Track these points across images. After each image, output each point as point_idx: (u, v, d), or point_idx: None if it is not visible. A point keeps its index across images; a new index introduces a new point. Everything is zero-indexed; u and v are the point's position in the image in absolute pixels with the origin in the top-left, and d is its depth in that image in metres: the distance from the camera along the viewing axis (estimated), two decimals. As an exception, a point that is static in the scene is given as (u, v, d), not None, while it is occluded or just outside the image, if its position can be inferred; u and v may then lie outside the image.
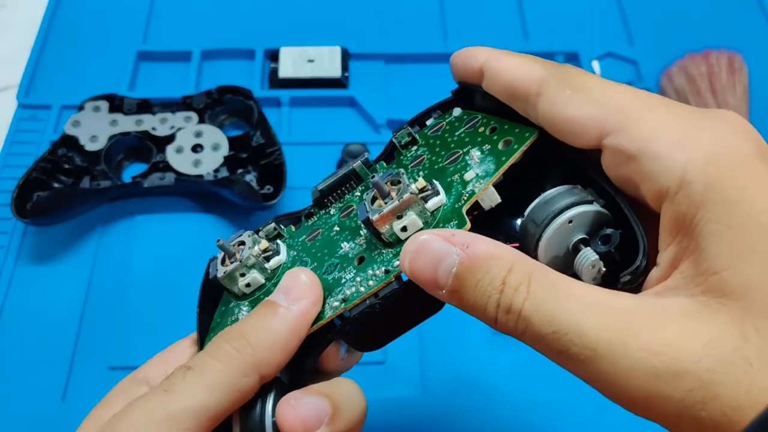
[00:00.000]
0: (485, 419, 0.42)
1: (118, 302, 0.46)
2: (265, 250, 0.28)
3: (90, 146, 0.49)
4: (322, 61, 0.56)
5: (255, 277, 0.28)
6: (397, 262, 0.24)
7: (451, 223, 0.24)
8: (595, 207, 0.23)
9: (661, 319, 0.19)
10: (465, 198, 0.25)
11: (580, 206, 0.23)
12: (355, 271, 0.26)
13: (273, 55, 0.57)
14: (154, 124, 0.51)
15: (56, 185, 0.48)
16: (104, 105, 0.51)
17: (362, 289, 0.25)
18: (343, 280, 0.26)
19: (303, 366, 0.26)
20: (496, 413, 0.42)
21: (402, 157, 0.29)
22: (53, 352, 0.44)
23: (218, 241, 0.28)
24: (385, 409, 0.42)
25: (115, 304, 0.46)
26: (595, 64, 0.58)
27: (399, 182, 0.25)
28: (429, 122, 0.29)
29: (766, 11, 0.63)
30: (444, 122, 0.29)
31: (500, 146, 0.25)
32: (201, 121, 0.51)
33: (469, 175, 0.25)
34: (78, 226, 0.49)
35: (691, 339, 0.18)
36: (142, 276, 0.47)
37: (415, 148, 0.29)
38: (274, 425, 0.24)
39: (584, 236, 0.23)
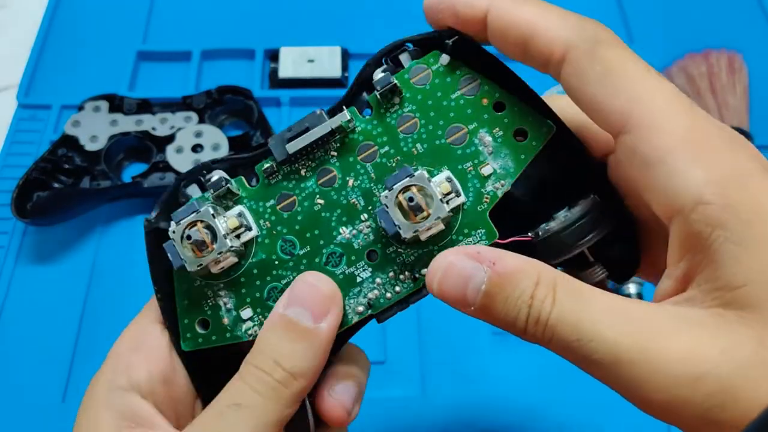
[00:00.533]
0: (485, 419, 0.42)
1: (118, 302, 0.46)
2: (234, 229, 0.24)
3: (90, 146, 0.49)
4: (322, 61, 0.56)
5: (230, 260, 0.24)
6: (426, 269, 0.23)
7: (478, 231, 0.24)
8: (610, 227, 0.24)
9: (680, 327, 0.19)
10: (487, 201, 0.24)
11: (604, 231, 0.24)
12: (371, 270, 0.24)
13: (273, 55, 0.57)
14: (154, 124, 0.51)
15: (56, 185, 0.48)
16: (104, 105, 0.51)
17: (389, 295, 0.24)
18: (359, 279, 0.24)
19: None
20: (496, 413, 0.42)
21: (384, 111, 0.25)
22: (53, 352, 0.44)
23: (154, 222, 0.25)
24: (385, 409, 0.42)
25: (115, 304, 0.46)
26: (595, 64, 0.58)
27: (422, 188, 0.23)
28: (406, 62, 0.25)
29: (766, 11, 0.63)
30: (430, 70, 0.25)
31: (516, 138, 0.24)
32: (201, 121, 0.51)
33: (486, 170, 0.24)
34: (78, 226, 0.49)
35: (709, 346, 0.19)
36: (142, 276, 0.47)
37: (398, 100, 0.25)
38: (315, 420, 0.25)
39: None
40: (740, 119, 0.50)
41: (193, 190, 0.25)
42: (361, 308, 0.24)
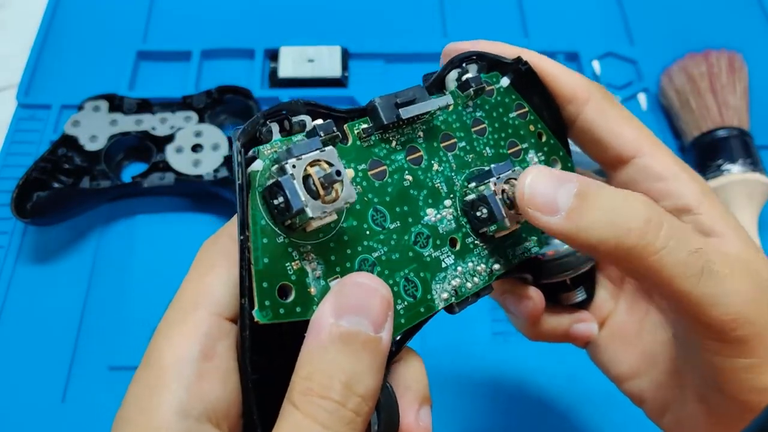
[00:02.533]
0: (485, 419, 0.42)
1: (118, 302, 0.46)
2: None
3: (90, 146, 0.49)
4: (322, 60, 0.56)
5: (331, 217, 0.21)
6: (498, 266, 0.25)
7: (533, 238, 0.27)
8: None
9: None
10: None
11: (586, 267, 0.29)
12: (453, 257, 0.24)
13: (273, 55, 0.57)
14: (153, 123, 0.51)
15: (56, 185, 0.48)
16: (104, 105, 0.51)
17: (469, 285, 0.25)
18: (444, 265, 0.24)
19: None
20: (496, 413, 0.42)
21: (462, 109, 0.26)
22: (53, 352, 0.44)
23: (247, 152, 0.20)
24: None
25: (115, 304, 0.46)
26: (596, 64, 0.58)
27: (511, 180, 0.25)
28: (473, 72, 0.26)
29: (766, 11, 0.63)
30: (494, 87, 0.27)
31: (551, 163, 0.28)
32: (201, 120, 0.51)
33: None
34: (78, 226, 0.49)
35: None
36: (142, 276, 0.47)
37: (472, 103, 0.26)
38: None
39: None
40: (740, 119, 0.50)
41: (275, 130, 0.21)
42: (446, 294, 0.24)
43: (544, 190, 0.22)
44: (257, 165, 0.20)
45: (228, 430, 0.20)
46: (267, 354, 0.20)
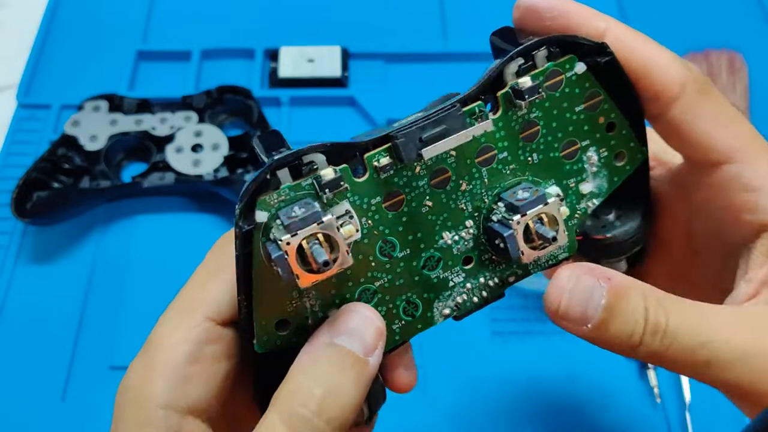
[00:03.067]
0: (485, 419, 0.42)
1: (118, 302, 0.46)
2: (349, 236, 0.21)
3: (90, 146, 0.49)
4: (322, 60, 0.56)
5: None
6: (513, 277, 0.24)
7: (564, 244, 0.23)
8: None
9: None
10: (578, 217, 0.25)
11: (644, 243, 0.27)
12: (464, 275, 0.24)
13: (273, 55, 0.57)
14: (153, 123, 0.51)
15: (56, 185, 0.48)
16: (104, 105, 0.51)
17: (475, 299, 0.24)
18: (451, 284, 0.23)
19: None
20: (496, 413, 0.42)
21: (512, 114, 0.23)
22: (53, 352, 0.44)
23: (245, 221, 0.20)
24: (385, 409, 0.42)
25: (115, 304, 0.46)
26: (595, 64, 0.58)
27: (552, 216, 0.22)
28: (542, 62, 0.23)
29: (766, 11, 0.63)
30: (564, 76, 0.23)
31: (615, 161, 0.25)
32: (201, 120, 0.51)
33: (585, 188, 0.25)
34: (78, 226, 0.49)
35: None
36: (142, 276, 0.47)
37: (525, 107, 0.23)
38: None
39: None
40: (740, 119, 0.50)
41: (284, 175, 0.21)
42: (447, 311, 0.24)
43: (576, 308, 0.22)
44: (260, 216, 0.20)
45: (207, 420, 0.22)
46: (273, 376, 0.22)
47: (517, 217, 0.22)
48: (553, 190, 0.23)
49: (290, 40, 0.57)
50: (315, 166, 0.21)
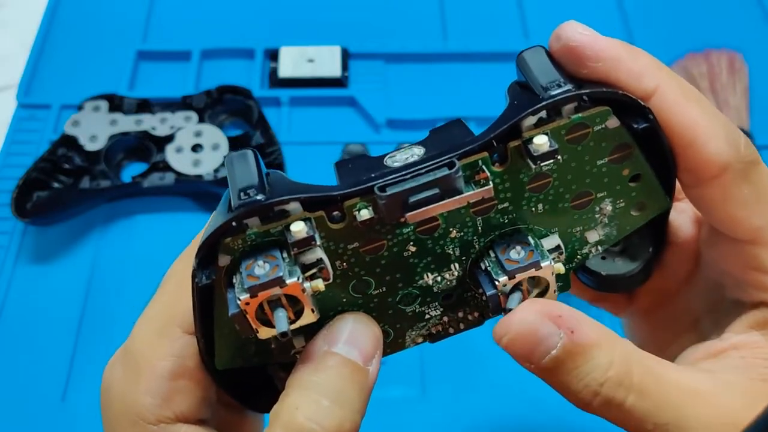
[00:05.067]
0: (485, 419, 0.42)
1: (118, 302, 0.46)
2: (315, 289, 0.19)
3: (90, 146, 0.49)
4: (322, 60, 0.56)
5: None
6: (494, 314, 0.22)
7: (558, 283, 0.21)
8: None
9: (747, 403, 0.20)
10: (578, 260, 0.23)
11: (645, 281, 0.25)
12: (442, 309, 0.23)
13: (273, 55, 0.57)
14: (153, 123, 0.51)
15: (56, 185, 0.48)
16: (104, 105, 0.51)
17: (451, 330, 0.23)
18: (427, 316, 0.23)
19: None
20: (496, 413, 0.42)
21: (521, 167, 0.20)
22: (53, 352, 0.44)
23: (203, 272, 0.19)
24: (385, 409, 0.42)
25: (115, 304, 0.46)
26: (595, 64, 0.58)
27: (541, 279, 0.21)
28: (569, 113, 0.20)
29: (766, 11, 0.63)
30: (591, 129, 0.20)
31: (632, 211, 0.22)
32: (201, 120, 0.51)
33: (591, 237, 0.22)
34: (78, 226, 0.49)
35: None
36: (142, 276, 0.47)
37: (534, 168, 0.20)
38: None
39: None
40: (740, 119, 0.50)
41: (252, 221, 0.19)
42: (420, 339, 0.23)
43: (520, 347, 0.21)
44: (223, 260, 0.19)
45: (199, 422, 0.22)
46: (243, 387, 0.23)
47: (503, 279, 0.20)
48: (553, 242, 0.21)
49: (290, 40, 0.57)
50: (287, 213, 0.19)
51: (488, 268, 0.21)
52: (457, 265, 0.21)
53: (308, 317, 0.19)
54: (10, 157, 0.52)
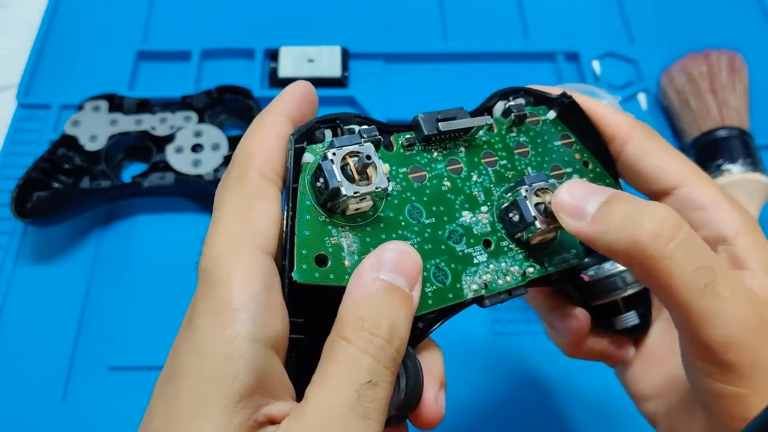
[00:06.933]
0: (485, 419, 0.42)
1: (118, 302, 0.46)
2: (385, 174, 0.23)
3: (90, 146, 0.49)
4: (322, 60, 0.56)
5: (368, 203, 0.24)
6: (532, 269, 0.26)
7: (572, 250, 0.28)
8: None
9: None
10: None
11: (639, 287, 0.30)
12: (486, 256, 0.26)
13: (273, 55, 0.57)
14: (153, 123, 0.51)
15: (56, 185, 0.48)
16: (104, 105, 0.51)
17: (500, 282, 0.26)
18: (476, 261, 0.26)
19: None
20: (497, 413, 0.42)
21: (505, 134, 0.28)
22: (53, 352, 0.44)
23: (297, 141, 0.23)
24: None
25: (115, 304, 0.46)
26: (596, 64, 0.58)
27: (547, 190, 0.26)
28: (520, 105, 0.28)
29: (766, 11, 0.63)
30: (540, 118, 0.29)
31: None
32: (201, 120, 0.51)
33: None
34: (78, 226, 0.49)
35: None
36: (142, 276, 0.47)
37: (515, 130, 0.28)
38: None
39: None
40: (740, 119, 0.50)
41: (327, 134, 0.25)
42: (475, 286, 0.25)
43: (576, 196, 0.24)
44: (308, 158, 0.24)
45: (282, 359, 0.22)
46: (301, 312, 0.23)
47: (524, 186, 0.26)
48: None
49: (290, 40, 0.57)
50: (354, 129, 0.24)
51: (510, 198, 0.26)
52: (485, 208, 0.27)
53: (382, 182, 0.23)
54: (10, 157, 0.52)
